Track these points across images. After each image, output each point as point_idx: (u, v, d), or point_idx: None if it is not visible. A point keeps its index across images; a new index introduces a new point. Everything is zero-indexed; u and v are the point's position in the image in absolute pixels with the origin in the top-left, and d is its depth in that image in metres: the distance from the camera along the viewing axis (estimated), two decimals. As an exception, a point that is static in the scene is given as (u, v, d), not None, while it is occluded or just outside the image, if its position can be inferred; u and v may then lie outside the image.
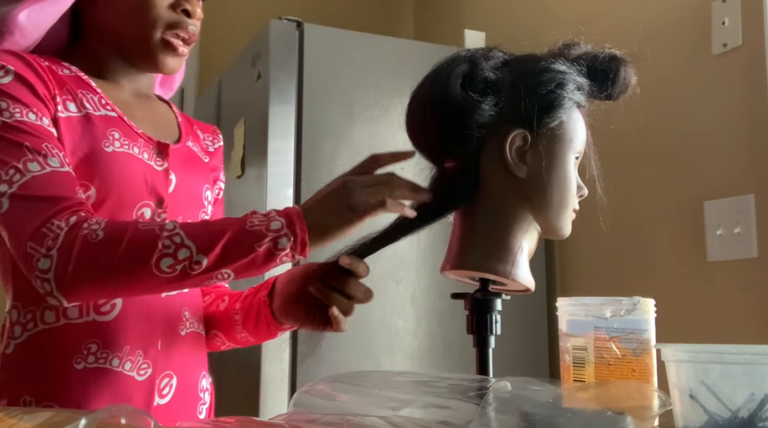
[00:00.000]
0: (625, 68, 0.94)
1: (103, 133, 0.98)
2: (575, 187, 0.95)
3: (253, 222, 0.88)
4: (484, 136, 0.91)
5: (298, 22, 2.06)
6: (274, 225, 0.87)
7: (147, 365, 0.98)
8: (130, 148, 1.00)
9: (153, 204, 1.00)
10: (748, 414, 0.75)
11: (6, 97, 0.92)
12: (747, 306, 1.64)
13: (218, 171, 1.21)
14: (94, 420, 0.54)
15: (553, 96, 0.91)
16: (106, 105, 1.02)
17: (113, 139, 0.99)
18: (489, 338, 0.94)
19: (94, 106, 1.00)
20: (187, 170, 1.08)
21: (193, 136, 1.16)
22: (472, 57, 0.94)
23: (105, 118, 1.00)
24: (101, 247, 0.85)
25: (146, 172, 1.00)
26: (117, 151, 0.98)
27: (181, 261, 0.85)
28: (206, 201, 1.12)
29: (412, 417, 0.70)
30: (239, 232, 0.87)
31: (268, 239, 0.86)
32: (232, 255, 0.87)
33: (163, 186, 1.02)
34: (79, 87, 1.01)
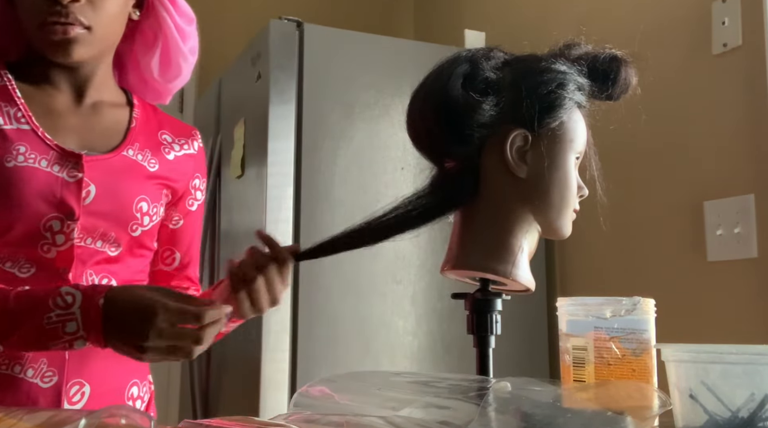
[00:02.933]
0: (626, 69, 0.94)
1: (7, 149, 0.99)
2: (576, 187, 0.95)
3: (51, 318, 0.88)
4: (485, 136, 0.91)
5: (298, 22, 2.06)
6: (70, 327, 0.88)
7: (52, 373, 0.99)
8: (36, 161, 1.00)
9: (63, 216, 1.00)
10: (748, 414, 0.75)
11: None
12: (747, 306, 1.64)
13: (184, 181, 1.17)
14: (94, 420, 0.54)
15: (553, 96, 0.91)
16: (21, 118, 1.02)
17: (17, 154, 0.99)
18: (489, 338, 0.94)
19: (7, 120, 1.01)
20: (116, 181, 1.06)
21: (144, 142, 1.13)
22: (473, 57, 0.94)
23: (15, 132, 1.01)
24: None
25: (53, 184, 1.00)
26: (18, 166, 0.98)
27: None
28: (139, 213, 1.08)
29: (412, 417, 0.70)
30: (37, 328, 0.88)
31: (62, 340, 0.89)
32: (28, 346, 0.90)
33: (74, 197, 1.01)
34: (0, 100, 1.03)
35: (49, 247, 1.01)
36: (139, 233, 1.09)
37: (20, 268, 1.00)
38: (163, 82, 1.22)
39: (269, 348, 1.87)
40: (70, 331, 0.88)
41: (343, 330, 1.96)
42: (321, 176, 1.99)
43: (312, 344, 1.90)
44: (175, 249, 1.20)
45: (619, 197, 1.05)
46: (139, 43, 1.17)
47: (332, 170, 2.00)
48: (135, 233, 1.08)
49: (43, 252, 1.00)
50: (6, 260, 0.99)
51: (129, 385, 1.09)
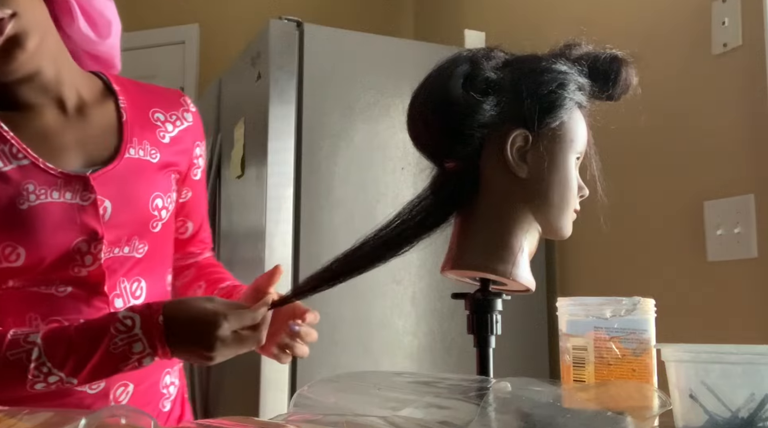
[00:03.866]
0: (627, 69, 0.94)
1: (16, 190, 0.96)
2: (576, 187, 0.95)
3: (117, 343, 0.91)
4: (485, 136, 0.91)
5: (298, 22, 2.06)
6: (136, 347, 0.91)
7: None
8: (47, 195, 0.98)
9: (87, 237, 1.01)
10: (748, 414, 0.75)
11: None
12: (747, 306, 1.64)
13: (186, 155, 1.15)
14: (94, 420, 0.54)
15: (554, 96, 0.91)
16: (18, 153, 0.98)
17: (27, 194, 0.97)
18: (489, 338, 0.94)
19: (5, 160, 0.97)
20: (126, 189, 1.05)
21: (142, 131, 1.09)
22: (474, 57, 0.94)
23: (17, 171, 0.97)
24: None
25: (71, 213, 0.99)
26: (33, 205, 0.97)
27: (54, 383, 0.91)
28: (157, 210, 1.08)
29: (412, 417, 0.70)
30: (106, 354, 0.91)
31: (132, 360, 0.92)
32: (100, 374, 0.92)
33: (93, 219, 1.01)
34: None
35: (80, 268, 1.02)
36: (159, 228, 1.09)
37: (57, 288, 1.01)
38: (102, 43, 1.11)
39: (269, 348, 1.87)
40: (137, 351, 0.91)
41: (343, 331, 1.96)
42: (321, 176, 1.99)
43: (312, 344, 1.90)
44: (187, 219, 1.23)
45: (619, 197, 1.05)
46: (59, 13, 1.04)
47: (332, 170, 2.00)
48: (156, 229, 1.09)
49: (74, 272, 1.02)
50: (41, 284, 1.01)
51: (163, 374, 1.12)
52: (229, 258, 2.23)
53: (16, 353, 0.90)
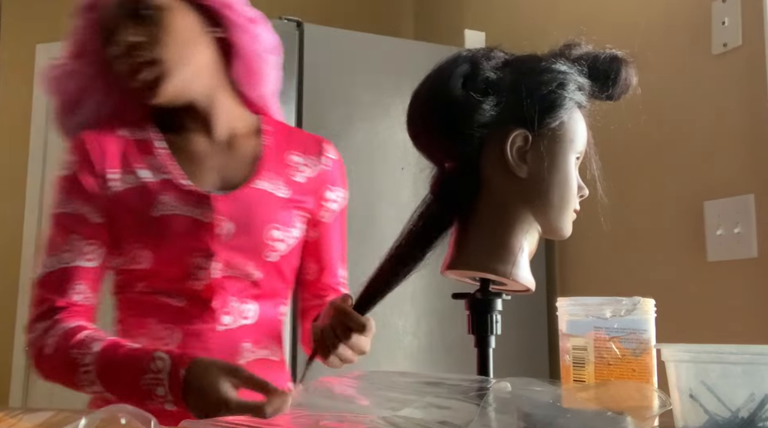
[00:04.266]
0: (626, 69, 0.94)
1: (153, 199, 1.11)
2: (576, 187, 0.95)
3: (146, 380, 0.97)
4: (485, 136, 0.91)
5: (298, 22, 2.06)
6: (159, 391, 0.97)
7: None
8: (179, 208, 1.11)
9: (203, 254, 1.11)
10: (748, 414, 0.75)
11: (61, 188, 1.13)
12: (747, 306, 1.64)
13: (315, 197, 1.23)
14: (94, 420, 0.54)
15: (554, 96, 0.91)
16: (162, 168, 1.13)
17: (162, 203, 1.11)
18: (489, 338, 0.94)
19: (153, 171, 1.13)
20: (246, 214, 1.14)
21: (275, 169, 1.19)
22: (474, 57, 0.94)
23: (158, 184, 1.12)
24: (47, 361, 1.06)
25: (194, 228, 1.10)
26: (165, 215, 1.10)
27: (96, 391, 1.02)
28: (273, 240, 1.15)
29: (412, 417, 0.70)
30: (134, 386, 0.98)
31: (155, 401, 0.97)
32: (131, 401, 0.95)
33: (212, 237, 1.11)
34: (144, 153, 1.14)
35: (194, 282, 1.11)
36: (275, 258, 1.16)
37: (174, 299, 1.12)
38: (255, 96, 1.24)
39: (269, 348, 1.87)
40: (159, 394, 0.96)
41: (343, 330, 1.96)
42: (321, 176, 1.99)
43: (312, 344, 1.90)
44: (312, 260, 1.27)
45: (619, 197, 1.04)
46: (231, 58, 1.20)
47: (332, 170, 2.00)
48: (269, 258, 1.16)
49: (190, 285, 1.11)
50: (162, 293, 1.12)
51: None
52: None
53: (76, 353, 1.01)
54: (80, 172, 1.12)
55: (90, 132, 1.15)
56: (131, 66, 1.10)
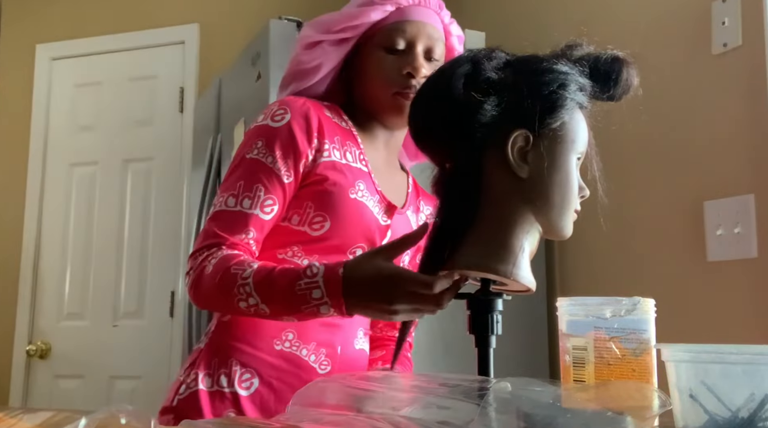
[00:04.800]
0: (628, 69, 0.94)
1: (352, 182, 1.17)
2: (576, 187, 0.95)
3: (301, 285, 1.00)
4: (486, 136, 0.91)
5: (298, 22, 2.06)
6: (315, 293, 0.99)
7: (327, 362, 1.17)
8: (368, 199, 1.18)
9: (366, 247, 1.17)
10: (748, 414, 0.75)
11: (266, 137, 1.15)
12: (747, 306, 1.64)
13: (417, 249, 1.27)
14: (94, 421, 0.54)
15: (555, 96, 0.91)
16: (362, 160, 1.21)
17: (358, 189, 1.17)
18: (490, 338, 0.94)
19: (354, 158, 1.20)
20: (400, 233, 1.17)
21: (414, 205, 1.30)
22: (475, 57, 0.94)
23: (359, 171, 1.19)
24: (206, 280, 1.07)
25: (372, 223, 1.18)
26: (358, 200, 1.16)
27: (252, 306, 1.04)
28: (401, 263, 1.23)
29: (412, 417, 0.70)
30: (290, 293, 1.01)
31: (311, 305, 1.00)
32: (284, 311, 1.03)
33: (379, 237, 1.19)
34: (348, 139, 1.21)
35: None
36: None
37: None
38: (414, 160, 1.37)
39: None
40: (315, 297, 0.99)
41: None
42: (321, 176, 1.99)
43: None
44: None
45: (619, 197, 1.05)
46: None
47: (332, 170, 2.00)
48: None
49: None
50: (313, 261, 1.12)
51: None
52: (229, 258, 2.23)
53: (237, 269, 1.05)
54: (296, 129, 1.15)
55: (309, 101, 1.20)
56: (408, 86, 1.18)
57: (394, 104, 1.20)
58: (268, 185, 1.13)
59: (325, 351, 1.17)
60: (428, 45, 1.23)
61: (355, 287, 0.98)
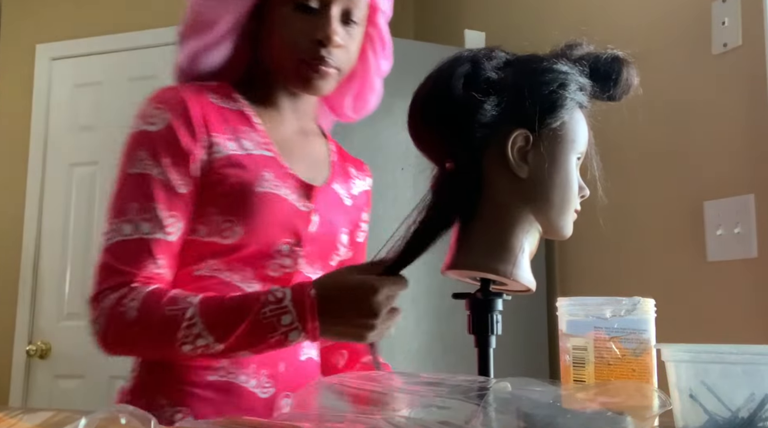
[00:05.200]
0: (628, 69, 0.94)
1: (257, 174, 1.04)
2: (576, 187, 0.95)
3: (266, 313, 0.92)
4: (486, 136, 0.91)
5: (298, 21, 2.05)
6: (285, 319, 0.91)
7: (270, 384, 1.05)
8: (279, 188, 1.05)
9: (292, 241, 1.06)
10: (748, 414, 0.75)
11: (147, 145, 1.02)
12: (747, 306, 1.64)
13: (359, 214, 1.22)
14: (94, 421, 0.54)
15: (555, 96, 0.91)
16: (264, 144, 1.07)
17: (265, 180, 1.04)
18: (490, 338, 0.94)
19: (254, 144, 1.06)
20: (330, 212, 1.12)
21: (342, 175, 1.19)
22: (475, 57, 0.94)
23: (262, 158, 1.06)
24: (130, 327, 0.96)
25: (290, 213, 1.06)
26: (267, 192, 1.04)
27: (200, 347, 0.93)
28: (340, 244, 1.14)
29: (412, 417, 0.70)
30: (253, 323, 0.92)
31: (279, 332, 0.92)
32: (246, 344, 0.93)
33: (303, 225, 1.07)
34: (242, 124, 1.07)
35: (276, 268, 1.06)
36: (335, 263, 1.14)
37: (248, 284, 1.04)
38: (353, 117, 1.27)
39: (269, 348, 1.87)
40: (285, 323, 0.91)
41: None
42: (321, 176, 1.99)
43: (312, 344, 1.90)
44: None
45: (619, 197, 1.05)
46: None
47: (332, 170, 2.00)
48: (332, 262, 1.14)
49: (272, 270, 1.06)
50: (236, 274, 1.04)
51: None
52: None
53: (174, 309, 0.93)
54: (177, 129, 1.01)
55: (187, 90, 1.06)
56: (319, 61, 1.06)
57: (299, 74, 1.07)
58: (164, 201, 0.99)
59: (266, 372, 1.04)
60: (346, 6, 1.07)
61: (330, 303, 0.92)
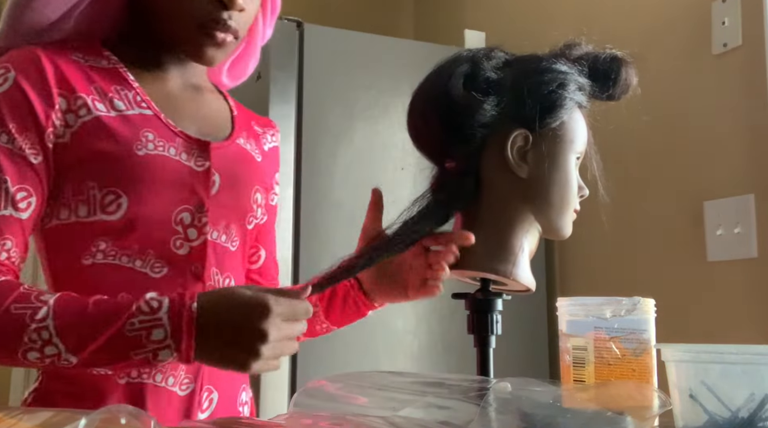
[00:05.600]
0: (627, 69, 0.94)
1: (135, 135, 0.91)
2: (576, 187, 0.95)
3: (134, 324, 0.78)
4: (486, 136, 0.91)
5: (298, 22, 2.06)
6: (157, 334, 0.78)
7: (189, 380, 0.94)
8: (165, 149, 0.93)
9: (192, 208, 0.94)
10: (748, 414, 0.75)
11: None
12: (747, 306, 1.64)
13: (272, 174, 1.12)
14: (94, 420, 0.54)
15: (554, 96, 0.91)
16: (141, 102, 0.94)
17: (146, 141, 0.91)
18: (490, 338, 0.94)
19: (128, 104, 0.93)
20: (235, 170, 1.00)
21: (248, 131, 1.08)
22: (474, 57, 0.94)
23: (139, 117, 0.93)
24: None
25: (183, 174, 0.93)
26: (150, 154, 0.91)
27: (48, 357, 0.79)
28: (256, 204, 1.03)
29: (412, 418, 0.70)
30: (115, 337, 0.78)
31: (146, 350, 0.78)
32: (104, 359, 0.80)
33: (203, 188, 0.95)
34: (113, 82, 0.94)
35: (182, 243, 0.93)
36: (252, 226, 1.04)
37: (152, 268, 0.92)
38: (227, 83, 1.17)
39: (269, 348, 1.87)
40: (155, 339, 0.78)
41: (344, 331, 1.96)
42: (321, 176, 1.99)
43: (312, 344, 1.90)
44: (260, 246, 1.13)
45: (619, 197, 1.04)
46: None
47: (332, 170, 2.00)
48: (250, 225, 1.03)
49: (175, 248, 0.93)
50: (137, 258, 0.91)
51: (240, 391, 1.04)
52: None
53: (22, 308, 0.79)
54: (27, 90, 0.88)
55: (43, 48, 0.91)
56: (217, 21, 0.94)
57: (197, 44, 0.96)
58: (13, 172, 0.86)
59: (183, 367, 0.93)
60: None
61: (213, 318, 0.79)
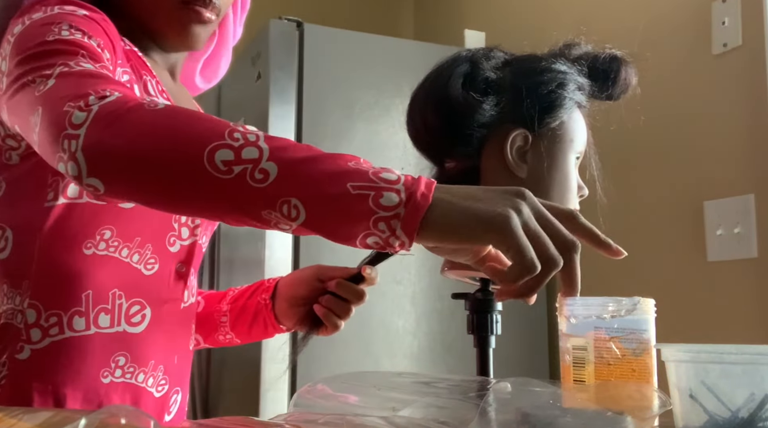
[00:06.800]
0: (626, 68, 0.94)
1: None
2: (576, 187, 0.95)
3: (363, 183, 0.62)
4: (485, 136, 0.91)
5: (298, 22, 2.06)
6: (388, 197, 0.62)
7: (165, 381, 0.93)
8: None
9: None
10: (748, 414, 0.75)
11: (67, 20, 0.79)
12: (747, 306, 1.64)
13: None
14: (94, 420, 0.54)
15: (554, 96, 0.91)
16: (162, 92, 0.92)
17: None
18: (489, 338, 0.94)
19: (155, 92, 0.90)
20: None
21: None
22: (473, 57, 0.94)
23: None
24: (157, 115, 0.65)
25: None
26: None
27: (241, 162, 0.63)
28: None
29: (412, 418, 0.70)
30: (336, 161, 0.63)
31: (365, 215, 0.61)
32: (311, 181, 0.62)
33: None
34: (141, 67, 0.90)
35: (175, 240, 0.93)
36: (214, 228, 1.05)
37: (146, 264, 0.90)
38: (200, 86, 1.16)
39: (269, 348, 1.87)
40: (386, 203, 0.61)
41: (343, 330, 1.96)
42: (321, 176, 1.99)
43: (312, 344, 1.90)
44: None
45: (619, 197, 1.04)
46: None
47: (332, 170, 2.00)
48: (215, 228, 1.05)
49: (169, 244, 0.93)
50: (134, 252, 0.89)
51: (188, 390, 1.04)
52: (230, 259, 2.23)
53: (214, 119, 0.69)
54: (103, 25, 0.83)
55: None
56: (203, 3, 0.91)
57: (182, 22, 0.91)
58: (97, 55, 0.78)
59: (163, 368, 0.92)
60: None
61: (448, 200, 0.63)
